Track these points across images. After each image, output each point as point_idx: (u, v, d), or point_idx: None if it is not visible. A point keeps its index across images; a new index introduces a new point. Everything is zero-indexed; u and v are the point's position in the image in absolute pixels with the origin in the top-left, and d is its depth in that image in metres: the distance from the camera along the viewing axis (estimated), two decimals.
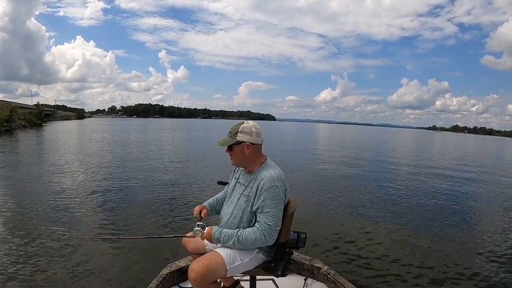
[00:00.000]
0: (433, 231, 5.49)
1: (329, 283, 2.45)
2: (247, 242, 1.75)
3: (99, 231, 4.91)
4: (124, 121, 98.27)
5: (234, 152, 1.85)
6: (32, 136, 26.67)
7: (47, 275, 3.54)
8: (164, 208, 6.18)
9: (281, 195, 1.77)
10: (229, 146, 1.85)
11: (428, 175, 12.27)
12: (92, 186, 8.01)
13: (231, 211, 1.90)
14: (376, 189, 8.99)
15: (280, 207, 1.77)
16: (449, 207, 7.36)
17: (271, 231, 1.74)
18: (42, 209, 5.86)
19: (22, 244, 4.29)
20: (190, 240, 2.00)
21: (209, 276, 1.72)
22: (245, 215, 1.84)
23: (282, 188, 1.78)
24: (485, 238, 5.35)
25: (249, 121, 1.89)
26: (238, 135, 1.82)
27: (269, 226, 1.73)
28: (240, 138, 1.82)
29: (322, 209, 6.60)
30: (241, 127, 1.84)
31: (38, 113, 51.51)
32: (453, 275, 3.88)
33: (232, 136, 1.83)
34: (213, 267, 1.73)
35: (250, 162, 1.88)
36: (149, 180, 8.98)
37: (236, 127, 1.85)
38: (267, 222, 1.74)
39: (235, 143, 1.83)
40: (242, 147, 1.83)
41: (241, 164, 1.91)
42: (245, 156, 1.84)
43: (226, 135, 1.88)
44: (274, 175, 1.78)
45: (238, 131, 1.82)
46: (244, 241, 1.75)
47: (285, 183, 1.83)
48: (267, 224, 1.73)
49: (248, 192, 1.84)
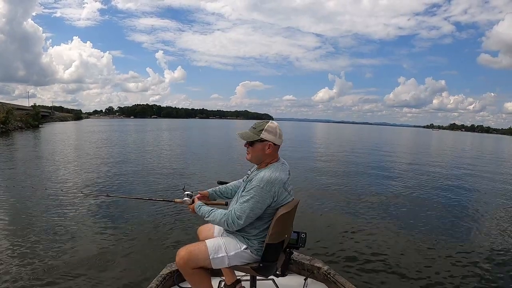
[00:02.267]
0: (434, 231, 5.49)
1: (329, 283, 2.44)
2: (214, 219, 1.86)
3: (99, 233, 4.90)
4: (122, 121, 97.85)
5: (255, 148, 1.88)
6: (29, 138, 26.50)
7: (47, 274, 3.54)
8: (164, 210, 6.10)
9: (259, 197, 1.76)
10: (251, 141, 1.86)
11: (428, 173, 12.29)
12: (89, 188, 7.97)
13: (232, 204, 1.97)
14: (376, 188, 8.99)
15: (253, 207, 1.77)
16: (450, 206, 7.36)
17: (233, 221, 1.80)
18: (38, 211, 5.82)
19: (21, 245, 4.28)
20: (202, 229, 2.20)
21: (191, 261, 1.83)
22: None
23: (267, 191, 1.76)
24: (486, 237, 5.35)
25: (273, 121, 1.92)
26: (263, 133, 1.84)
27: (233, 215, 1.80)
28: (264, 136, 1.84)
29: (322, 209, 6.60)
30: (267, 126, 1.86)
31: (35, 114, 51.12)
32: (453, 274, 3.89)
33: (256, 133, 1.86)
34: (196, 253, 1.84)
35: (265, 160, 1.90)
36: (149, 180, 8.97)
37: (262, 124, 1.87)
38: (235, 211, 1.80)
39: (258, 140, 1.85)
40: (264, 145, 1.85)
41: (257, 161, 1.93)
42: (264, 154, 1.87)
43: (248, 129, 1.90)
44: (266, 178, 1.78)
45: (264, 129, 1.85)
46: (211, 217, 1.87)
47: (277, 188, 1.79)
48: (233, 212, 1.80)
49: (248, 185, 1.87)
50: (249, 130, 1.89)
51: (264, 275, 1.96)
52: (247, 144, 1.90)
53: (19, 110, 49.80)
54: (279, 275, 2.07)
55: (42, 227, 5.06)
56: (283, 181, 1.83)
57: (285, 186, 1.85)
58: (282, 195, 1.83)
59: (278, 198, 1.81)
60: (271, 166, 1.88)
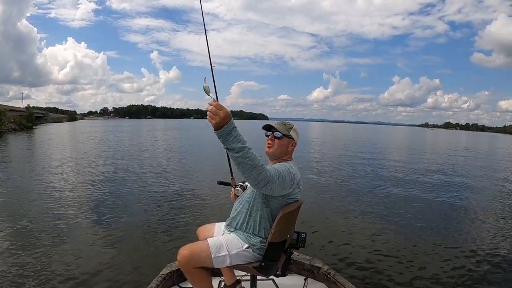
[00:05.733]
0: (434, 231, 5.49)
1: (329, 283, 2.44)
2: (252, 157, 1.52)
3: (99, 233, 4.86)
4: (116, 122, 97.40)
5: (282, 142, 1.93)
6: (23, 139, 26.23)
7: (46, 277, 3.51)
8: (164, 210, 6.11)
9: (287, 175, 1.77)
10: (280, 136, 1.92)
11: (428, 173, 12.28)
12: (86, 190, 7.89)
13: (240, 200, 1.99)
14: (376, 188, 8.97)
15: (284, 176, 1.74)
16: (450, 206, 7.37)
17: (268, 174, 1.61)
18: (34, 213, 5.75)
19: (17, 249, 4.22)
20: (202, 229, 2.21)
21: (192, 260, 1.82)
22: (256, 200, 1.88)
23: (291, 177, 1.81)
24: (489, 238, 5.32)
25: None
26: (292, 131, 1.96)
27: (270, 171, 1.63)
28: (292, 135, 1.95)
29: (322, 209, 6.60)
30: (294, 127, 1.99)
31: (29, 115, 50.62)
32: (453, 274, 3.91)
33: (287, 129, 1.94)
34: (198, 252, 1.84)
35: (284, 157, 1.96)
36: (148, 181, 8.93)
37: (290, 124, 1.99)
38: (274, 167, 1.76)
39: (287, 135, 1.93)
40: (290, 142, 1.95)
41: (277, 155, 1.96)
42: (287, 150, 1.96)
43: (274, 125, 1.94)
44: (289, 167, 1.84)
45: (292, 128, 1.97)
46: (249, 153, 1.51)
47: (295, 181, 1.86)
48: (271, 168, 1.69)
49: None
50: (278, 124, 1.96)
51: (265, 274, 1.95)
52: (272, 137, 1.94)
53: (13, 111, 49.28)
54: (279, 275, 2.07)
55: (41, 227, 5.01)
56: (299, 178, 1.93)
57: (299, 183, 1.94)
58: (295, 190, 1.90)
59: (293, 191, 1.87)
60: (288, 162, 1.92)
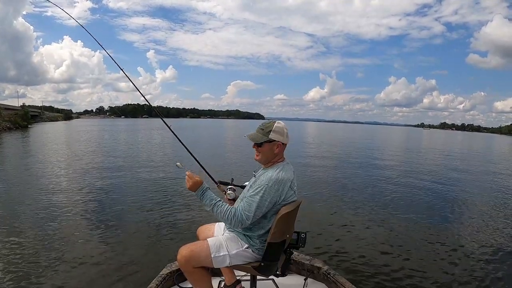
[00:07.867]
0: (435, 231, 5.48)
1: (329, 283, 2.43)
2: (219, 212, 1.78)
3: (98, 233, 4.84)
4: (112, 121, 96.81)
5: (264, 149, 1.90)
6: (17, 138, 26.04)
7: (46, 277, 3.49)
8: (163, 210, 6.07)
9: (267, 195, 1.78)
10: (259, 143, 1.89)
11: (429, 173, 12.32)
12: (83, 191, 7.81)
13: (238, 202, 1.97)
14: (376, 188, 8.96)
15: (260, 205, 1.77)
16: (452, 205, 7.39)
17: (240, 218, 1.76)
18: (29, 214, 5.69)
19: (16, 247, 4.20)
20: (202, 229, 2.22)
21: (193, 260, 1.83)
22: None
23: (275, 190, 1.79)
24: (491, 237, 5.31)
25: (280, 121, 1.94)
26: (271, 134, 1.88)
27: (240, 213, 1.77)
28: (272, 137, 1.87)
29: (322, 209, 6.59)
30: (274, 126, 1.89)
31: (24, 114, 50.25)
32: (453, 273, 3.91)
33: (265, 134, 1.89)
34: (198, 252, 1.85)
35: (273, 159, 1.93)
36: (148, 181, 8.88)
37: (269, 125, 1.90)
38: (242, 208, 1.78)
39: (267, 141, 1.87)
40: (273, 145, 1.89)
41: (267, 161, 1.94)
42: (273, 154, 1.91)
43: (255, 130, 1.93)
44: (274, 177, 1.81)
45: (272, 130, 1.88)
46: (217, 210, 1.79)
47: (284, 187, 1.82)
48: (240, 210, 1.78)
49: (254, 183, 1.88)
50: (257, 131, 1.92)
51: (265, 274, 1.95)
52: (255, 146, 1.92)
53: (8, 110, 48.95)
54: (279, 275, 2.06)
55: (37, 228, 4.96)
56: (290, 180, 1.87)
57: (291, 185, 1.88)
58: (288, 193, 1.85)
59: (285, 196, 1.84)
60: (278, 165, 1.90)
